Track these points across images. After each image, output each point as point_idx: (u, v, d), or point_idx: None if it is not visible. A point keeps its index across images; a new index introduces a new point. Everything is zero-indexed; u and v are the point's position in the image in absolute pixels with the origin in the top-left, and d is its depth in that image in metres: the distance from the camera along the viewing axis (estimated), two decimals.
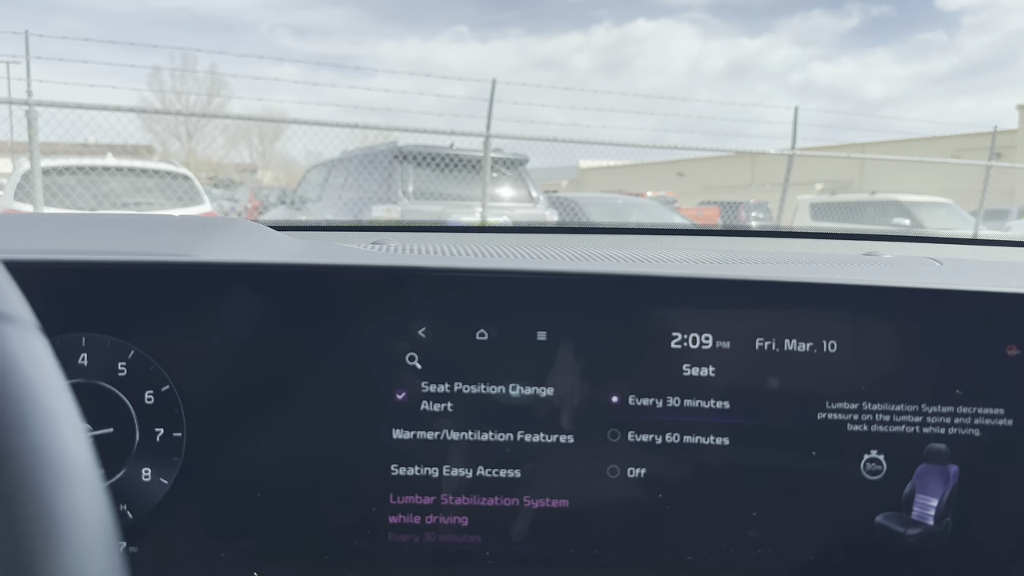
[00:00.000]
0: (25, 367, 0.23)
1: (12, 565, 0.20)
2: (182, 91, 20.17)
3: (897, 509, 0.58)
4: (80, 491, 0.22)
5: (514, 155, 7.49)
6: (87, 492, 0.22)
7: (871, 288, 0.58)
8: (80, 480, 0.22)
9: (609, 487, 0.58)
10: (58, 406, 0.23)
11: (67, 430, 0.23)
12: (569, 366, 0.58)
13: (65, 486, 0.22)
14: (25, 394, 0.22)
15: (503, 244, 0.96)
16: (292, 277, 0.57)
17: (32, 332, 0.24)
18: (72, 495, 0.22)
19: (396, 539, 0.58)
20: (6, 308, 0.24)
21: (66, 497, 0.22)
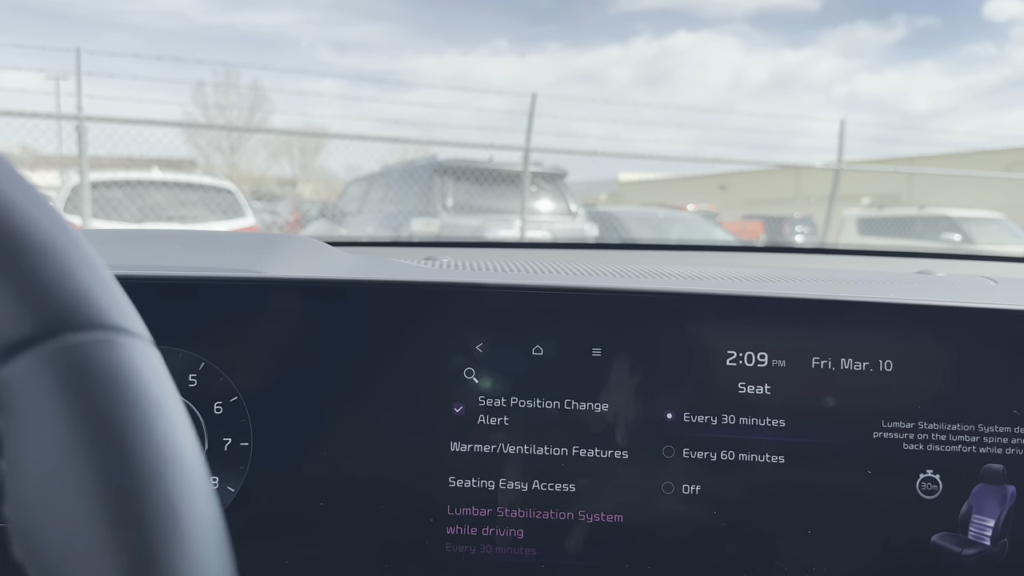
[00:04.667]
0: (146, 376, 0.25)
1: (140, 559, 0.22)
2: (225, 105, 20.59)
3: (953, 529, 0.58)
4: (197, 492, 0.24)
5: (553, 169, 7.51)
6: (203, 493, 0.24)
7: (927, 307, 0.58)
8: (197, 482, 0.24)
9: (663, 503, 0.59)
10: (175, 412, 0.25)
11: (184, 434, 0.25)
12: (624, 382, 0.59)
13: (185, 487, 0.24)
14: (147, 401, 0.24)
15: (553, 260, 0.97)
16: (355, 293, 0.59)
17: (149, 345, 0.26)
18: (191, 496, 0.24)
19: (453, 550, 0.59)
20: (126, 323, 0.26)
21: (187, 497, 0.23)
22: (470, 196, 7.16)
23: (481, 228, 6.88)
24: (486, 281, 0.60)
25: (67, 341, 0.24)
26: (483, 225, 6.92)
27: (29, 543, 0.24)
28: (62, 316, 0.24)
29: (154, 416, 0.24)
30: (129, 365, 0.25)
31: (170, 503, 0.23)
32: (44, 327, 0.24)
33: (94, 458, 0.23)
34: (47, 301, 0.24)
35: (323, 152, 20.36)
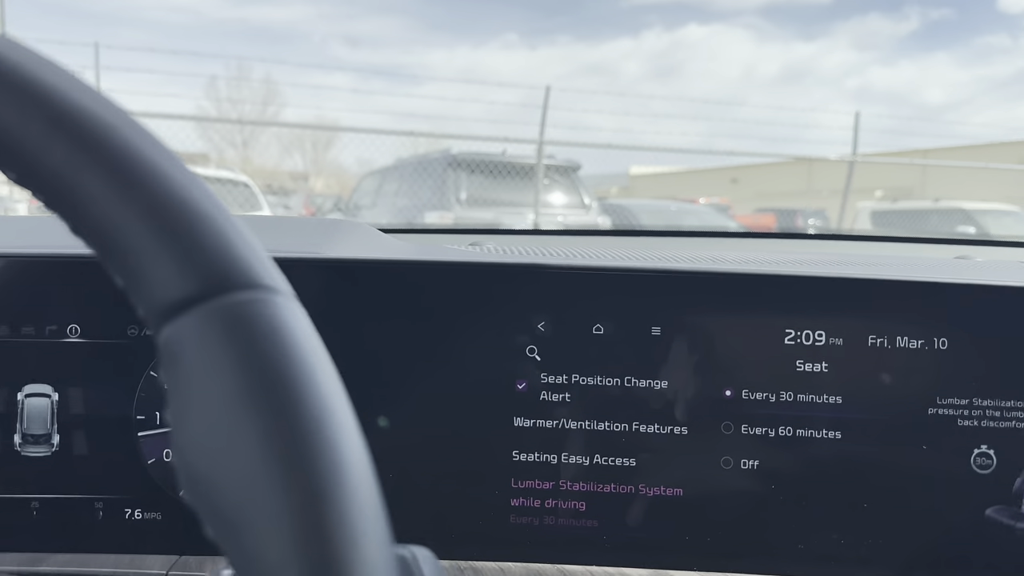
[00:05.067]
0: (301, 329, 0.27)
1: (310, 496, 0.24)
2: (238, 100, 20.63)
3: (1007, 503, 0.59)
4: (353, 435, 0.26)
5: (566, 162, 7.52)
6: (357, 436, 0.26)
7: (981, 287, 0.59)
8: (351, 425, 0.26)
9: (722, 477, 0.60)
10: (327, 362, 0.27)
11: (336, 382, 0.27)
12: (683, 360, 0.60)
13: (344, 430, 0.25)
14: (305, 352, 0.26)
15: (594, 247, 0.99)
16: (425, 273, 0.61)
17: (297, 302, 0.28)
18: (349, 438, 0.25)
19: (517, 521, 0.61)
20: (277, 282, 0.27)
21: (346, 439, 0.25)
22: (484, 189, 7.17)
23: (495, 221, 6.89)
24: (549, 262, 0.61)
25: (229, 300, 0.26)
26: (496, 218, 6.93)
27: (198, 487, 0.25)
28: (222, 277, 0.26)
29: (312, 365, 0.26)
30: (285, 320, 0.26)
31: (333, 445, 0.25)
32: (207, 287, 0.26)
33: (262, 406, 0.25)
34: (208, 264, 0.26)
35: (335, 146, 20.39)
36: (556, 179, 7.40)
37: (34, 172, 0.27)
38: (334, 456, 0.25)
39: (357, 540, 0.24)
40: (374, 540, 0.25)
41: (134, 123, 0.28)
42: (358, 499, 0.25)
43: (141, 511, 0.61)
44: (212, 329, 0.25)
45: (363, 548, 0.24)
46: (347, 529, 0.24)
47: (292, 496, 0.24)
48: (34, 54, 0.27)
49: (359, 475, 0.25)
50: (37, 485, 0.60)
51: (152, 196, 0.26)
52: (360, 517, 0.24)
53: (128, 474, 0.60)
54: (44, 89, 0.26)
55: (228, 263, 0.27)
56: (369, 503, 0.25)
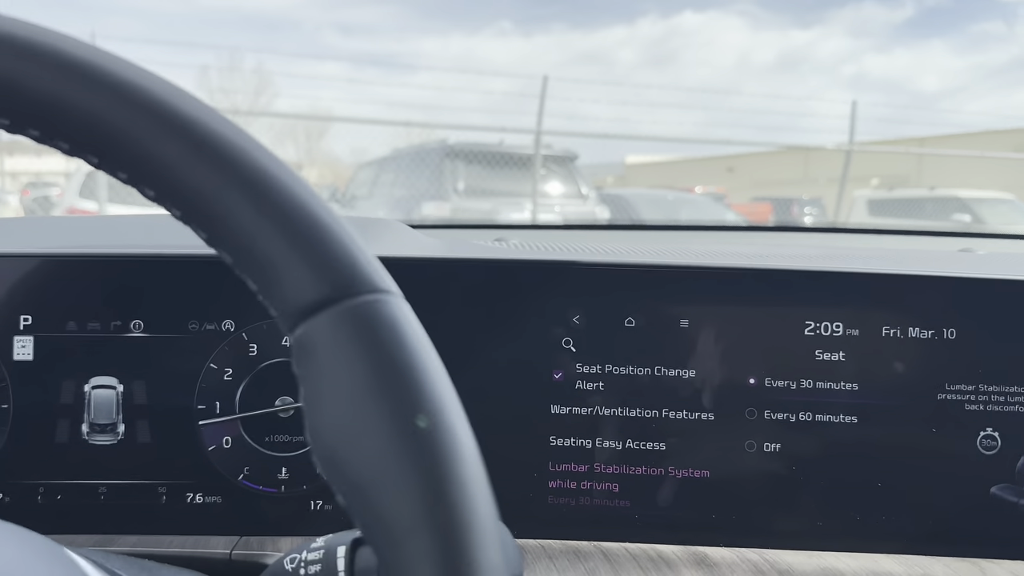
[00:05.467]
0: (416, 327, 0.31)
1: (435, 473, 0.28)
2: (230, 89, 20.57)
3: (1011, 481, 0.64)
4: (464, 422, 0.30)
5: (564, 151, 7.54)
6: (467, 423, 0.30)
7: (989, 280, 0.63)
8: (463, 415, 0.30)
9: (747, 460, 0.65)
10: (437, 357, 0.31)
11: (446, 374, 0.31)
12: (709, 351, 0.65)
13: (459, 418, 0.30)
14: (421, 347, 0.30)
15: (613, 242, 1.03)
16: (467, 270, 0.65)
17: (406, 302, 0.32)
18: (463, 424, 0.30)
19: (555, 502, 0.65)
20: (391, 286, 0.32)
21: (461, 426, 0.29)
22: (481, 179, 7.20)
23: (492, 211, 6.93)
24: (584, 259, 0.65)
25: (356, 302, 0.30)
26: (494, 208, 6.96)
27: (332, 463, 0.30)
28: (349, 282, 0.30)
29: (427, 357, 0.30)
30: (403, 319, 0.31)
31: (450, 425, 0.29)
32: (336, 292, 0.30)
33: (390, 392, 0.29)
34: (336, 271, 0.30)
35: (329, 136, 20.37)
36: (553, 169, 7.43)
37: (175, 191, 0.31)
38: (452, 435, 0.29)
39: (476, 506, 0.28)
40: (487, 508, 0.29)
41: (262, 147, 0.32)
42: (474, 472, 0.29)
43: (202, 495, 0.65)
44: (343, 327, 0.30)
45: (480, 514, 0.28)
46: (468, 497, 0.28)
47: (420, 468, 0.28)
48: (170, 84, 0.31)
49: (472, 450, 0.29)
50: (104, 471, 0.64)
51: (285, 211, 0.30)
52: (476, 488, 0.29)
53: (189, 460, 0.64)
54: (186, 117, 0.30)
55: (353, 270, 0.31)
56: (481, 476, 0.29)
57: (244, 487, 0.65)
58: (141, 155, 0.30)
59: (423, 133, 9.46)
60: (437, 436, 0.28)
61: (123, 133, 0.29)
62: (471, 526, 0.28)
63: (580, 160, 7.78)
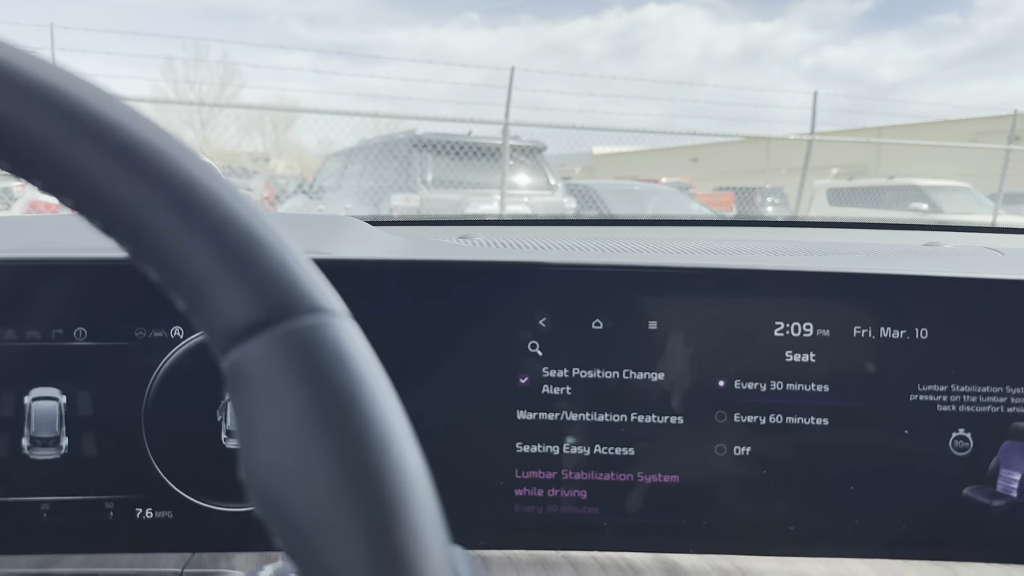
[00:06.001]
0: (361, 350, 0.28)
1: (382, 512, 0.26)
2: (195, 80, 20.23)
3: (983, 483, 0.63)
4: (415, 453, 0.28)
5: (532, 142, 7.52)
6: (417, 454, 0.28)
7: (960, 280, 0.62)
8: (412, 443, 0.28)
9: (717, 464, 0.63)
10: (384, 379, 0.28)
11: (394, 399, 0.28)
12: (679, 353, 0.63)
13: (408, 447, 0.27)
14: (367, 371, 0.28)
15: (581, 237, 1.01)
16: (428, 273, 0.62)
17: (353, 322, 0.29)
18: (413, 456, 0.27)
19: (522, 510, 0.63)
20: (336, 304, 0.29)
21: (410, 457, 0.27)
22: (449, 171, 7.15)
23: (461, 203, 6.89)
24: (550, 260, 0.63)
25: (295, 324, 0.27)
26: (463, 200, 6.93)
27: (269, 505, 0.27)
28: (287, 302, 0.28)
29: (375, 383, 0.28)
30: (347, 341, 0.28)
31: (399, 458, 0.27)
32: (273, 313, 0.27)
33: (333, 423, 0.26)
34: (273, 290, 0.28)
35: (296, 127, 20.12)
36: (521, 160, 7.40)
37: (95, 201, 0.28)
38: (402, 471, 0.26)
39: (426, 549, 0.26)
40: (439, 548, 0.27)
41: (193, 154, 0.29)
42: (424, 510, 0.27)
43: (152, 510, 0.62)
44: (280, 352, 0.27)
45: (430, 553, 0.26)
46: (417, 539, 0.26)
47: (366, 508, 0.26)
48: (93, 86, 0.28)
49: (423, 487, 0.27)
50: (47, 488, 0.61)
51: (216, 225, 0.28)
52: (427, 527, 0.26)
53: (138, 474, 0.61)
54: (107, 122, 0.28)
55: (291, 289, 0.28)
56: (433, 512, 0.27)
57: (196, 502, 0.62)
58: (56, 161, 0.27)
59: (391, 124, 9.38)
60: (384, 472, 0.26)
61: (34, 136, 0.26)
62: (421, 570, 0.25)
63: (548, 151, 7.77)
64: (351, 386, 0.27)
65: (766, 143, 13.02)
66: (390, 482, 0.26)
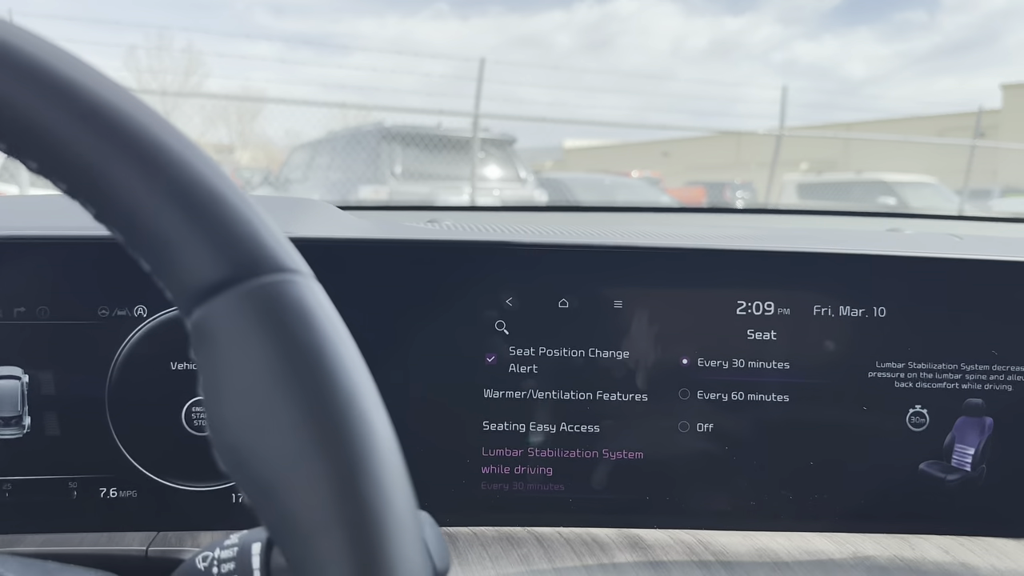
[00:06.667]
0: (326, 308, 0.29)
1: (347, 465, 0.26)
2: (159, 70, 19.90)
3: (938, 457, 0.64)
4: (379, 407, 0.28)
5: (502, 135, 7.51)
6: (382, 410, 0.28)
7: (918, 259, 0.64)
8: (376, 399, 0.28)
9: (680, 440, 0.64)
10: (349, 337, 0.29)
11: (359, 356, 0.29)
12: (643, 332, 0.64)
13: (372, 403, 0.28)
14: (332, 329, 0.28)
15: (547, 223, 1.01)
16: (396, 252, 0.63)
17: (317, 282, 0.30)
18: (378, 411, 0.28)
19: (488, 487, 0.64)
20: (300, 265, 0.29)
21: (375, 411, 0.27)
22: (419, 163, 7.12)
23: (431, 195, 6.86)
24: (517, 240, 0.64)
25: (260, 282, 0.28)
26: (432, 192, 6.90)
27: (234, 461, 0.27)
28: (252, 261, 0.28)
29: (339, 340, 0.28)
30: (312, 299, 0.28)
31: (364, 413, 0.27)
32: (238, 271, 0.27)
33: (297, 379, 0.27)
34: (238, 249, 0.28)
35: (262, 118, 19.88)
36: (492, 152, 7.39)
37: (60, 162, 0.28)
38: (366, 425, 0.27)
39: (390, 499, 0.26)
40: (404, 503, 0.27)
41: (158, 115, 0.29)
42: (389, 465, 0.27)
43: (116, 490, 0.61)
44: (245, 310, 0.27)
45: (396, 509, 0.26)
46: (381, 492, 0.26)
47: (330, 461, 0.26)
48: (58, 48, 0.28)
49: (387, 441, 0.27)
50: (9, 467, 0.60)
51: (179, 183, 0.28)
52: (392, 482, 0.27)
53: (102, 454, 0.61)
54: (70, 83, 0.27)
55: (256, 248, 0.28)
56: (398, 469, 0.27)
57: (161, 481, 0.61)
58: (20, 123, 0.27)
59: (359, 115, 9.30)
60: (347, 425, 0.26)
61: None
62: (385, 521, 0.26)
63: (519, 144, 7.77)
64: (315, 341, 0.27)
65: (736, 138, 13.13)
66: (354, 435, 0.26)
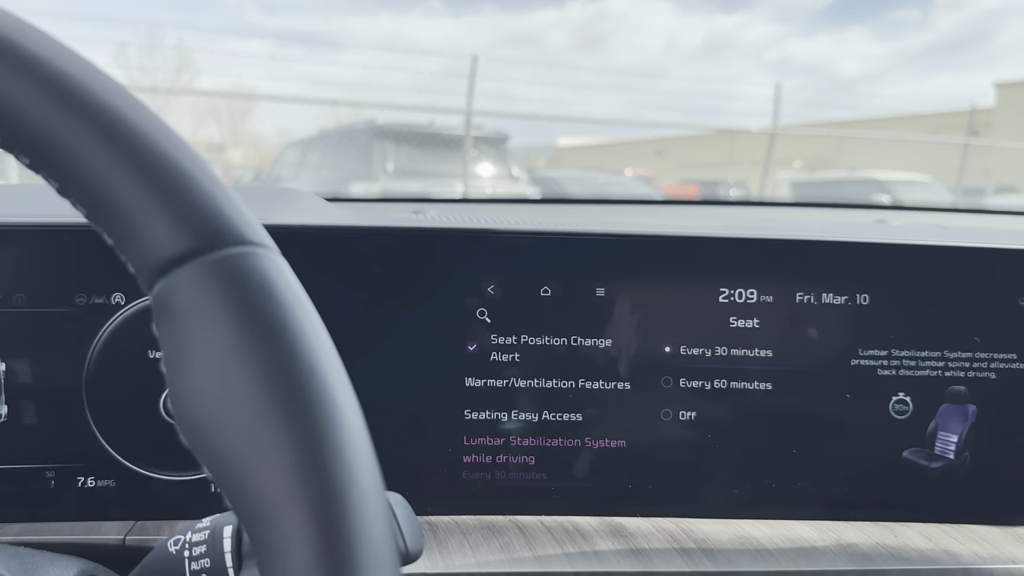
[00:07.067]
0: (290, 281, 0.28)
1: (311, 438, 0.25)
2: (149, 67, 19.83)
3: (921, 445, 0.64)
4: (344, 380, 0.28)
5: (495, 133, 7.50)
6: (347, 384, 0.28)
7: (901, 246, 0.64)
8: (342, 371, 0.28)
9: (663, 429, 0.64)
10: (314, 311, 0.28)
11: (324, 330, 0.28)
12: (625, 319, 0.63)
13: (337, 375, 0.27)
14: (296, 302, 0.28)
15: (533, 214, 1.01)
16: (378, 239, 0.62)
17: (281, 256, 0.29)
18: (342, 383, 0.27)
19: (470, 477, 0.64)
20: (264, 238, 0.29)
21: (339, 384, 0.27)
22: (411, 160, 7.10)
23: (422, 192, 6.85)
24: (498, 227, 0.63)
25: (222, 254, 0.27)
26: (424, 189, 6.89)
27: (195, 435, 0.27)
28: (214, 234, 0.27)
29: (303, 312, 0.28)
30: (275, 272, 0.28)
31: (328, 386, 0.26)
32: (200, 244, 0.27)
33: (260, 352, 0.26)
34: (200, 221, 0.27)
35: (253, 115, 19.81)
36: (484, 150, 7.38)
37: (20, 135, 0.27)
38: (329, 397, 0.26)
39: (354, 475, 0.26)
40: (369, 478, 0.27)
41: (119, 86, 0.29)
42: (354, 439, 0.27)
43: (94, 479, 0.61)
44: (207, 282, 0.27)
45: (360, 484, 0.26)
46: (345, 466, 0.26)
47: (292, 434, 0.25)
48: (16, 18, 0.28)
49: (353, 417, 0.27)
50: None
51: (143, 157, 0.27)
52: (356, 456, 0.26)
53: (79, 443, 0.60)
54: (30, 54, 0.27)
55: (219, 220, 0.28)
56: (363, 444, 0.27)
57: (138, 470, 0.61)
58: None
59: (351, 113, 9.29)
60: (310, 398, 0.26)
61: None
62: (348, 497, 0.25)
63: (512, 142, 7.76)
64: (277, 314, 0.27)
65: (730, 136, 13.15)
66: (316, 409, 0.26)
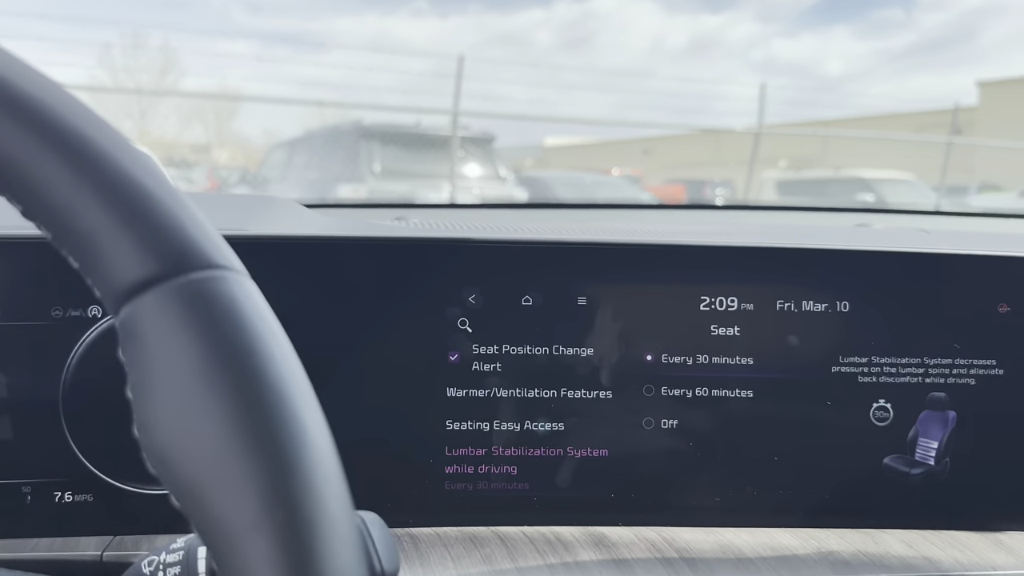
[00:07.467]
0: (259, 306, 0.28)
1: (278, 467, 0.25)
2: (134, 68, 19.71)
3: (902, 451, 0.64)
4: (314, 407, 0.27)
5: (482, 133, 7.51)
6: (318, 411, 0.27)
7: (880, 253, 0.64)
8: (312, 398, 0.27)
9: (645, 437, 0.64)
10: (284, 336, 0.28)
11: (294, 355, 0.28)
12: (607, 328, 0.63)
13: (306, 402, 0.27)
14: (265, 327, 0.27)
15: (518, 220, 1.01)
16: (356, 250, 0.62)
17: (251, 280, 0.29)
18: (311, 410, 0.27)
19: (451, 487, 0.63)
20: (233, 262, 0.29)
21: (308, 411, 0.27)
22: (397, 161, 7.10)
23: (410, 193, 6.84)
24: (479, 236, 0.63)
25: (188, 279, 0.27)
26: (412, 190, 6.88)
27: (162, 463, 0.26)
28: (180, 257, 0.27)
29: (271, 339, 0.27)
30: (243, 297, 0.28)
31: (296, 414, 0.26)
32: (166, 268, 0.27)
33: (226, 378, 0.26)
34: (166, 245, 0.27)
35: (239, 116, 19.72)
36: (471, 151, 7.38)
37: None
38: (297, 424, 0.26)
39: (323, 503, 0.25)
40: (338, 504, 0.26)
41: (85, 107, 0.28)
42: (322, 465, 0.26)
43: (71, 494, 0.60)
44: (172, 307, 0.26)
45: (329, 511, 0.26)
46: (313, 493, 0.25)
47: (259, 462, 0.25)
48: None
49: (321, 442, 0.27)
50: None
51: (107, 180, 0.27)
52: (324, 482, 0.26)
53: (55, 458, 0.60)
54: None
55: (184, 244, 0.27)
56: (332, 469, 0.27)
57: (117, 484, 0.60)
58: None
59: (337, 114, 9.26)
60: (277, 425, 0.26)
61: None
62: (315, 522, 0.25)
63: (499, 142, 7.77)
64: (243, 339, 0.27)
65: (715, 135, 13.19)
66: (283, 434, 0.26)
